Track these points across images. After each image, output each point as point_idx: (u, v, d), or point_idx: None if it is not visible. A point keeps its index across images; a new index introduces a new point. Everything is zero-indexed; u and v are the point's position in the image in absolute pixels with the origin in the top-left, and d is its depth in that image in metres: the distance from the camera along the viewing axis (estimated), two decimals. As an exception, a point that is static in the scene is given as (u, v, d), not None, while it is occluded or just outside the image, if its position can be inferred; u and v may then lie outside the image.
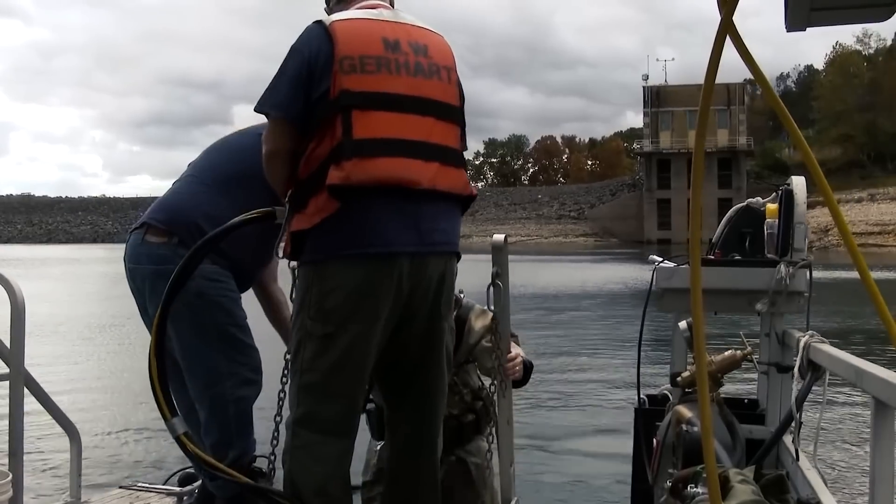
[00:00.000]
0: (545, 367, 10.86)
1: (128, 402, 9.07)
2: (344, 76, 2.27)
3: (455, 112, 2.46)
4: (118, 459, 6.83)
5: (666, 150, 78.55)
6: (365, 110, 2.27)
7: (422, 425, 2.52)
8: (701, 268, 1.17)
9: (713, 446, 1.18)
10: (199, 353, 2.94)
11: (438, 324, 2.45)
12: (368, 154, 2.26)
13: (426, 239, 2.34)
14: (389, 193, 2.28)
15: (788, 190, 3.45)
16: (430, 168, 2.33)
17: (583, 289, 25.30)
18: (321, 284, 2.32)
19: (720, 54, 1.08)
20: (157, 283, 2.86)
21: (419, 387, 2.50)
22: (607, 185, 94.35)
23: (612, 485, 5.91)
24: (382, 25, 2.38)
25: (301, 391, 2.40)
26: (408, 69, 2.35)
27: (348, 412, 2.40)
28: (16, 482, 2.83)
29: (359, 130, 2.26)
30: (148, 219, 3.04)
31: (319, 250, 2.31)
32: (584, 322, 17.06)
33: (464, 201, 2.50)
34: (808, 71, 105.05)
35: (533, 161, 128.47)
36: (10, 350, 2.93)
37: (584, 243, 76.22)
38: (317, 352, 2.35)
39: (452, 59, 2.51)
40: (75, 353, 12.80)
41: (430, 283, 2.37)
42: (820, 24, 1.08)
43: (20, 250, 63.48)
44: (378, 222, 2.28)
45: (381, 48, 2.33)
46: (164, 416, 2.63)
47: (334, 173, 2.23)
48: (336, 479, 2.40)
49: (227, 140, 3.17)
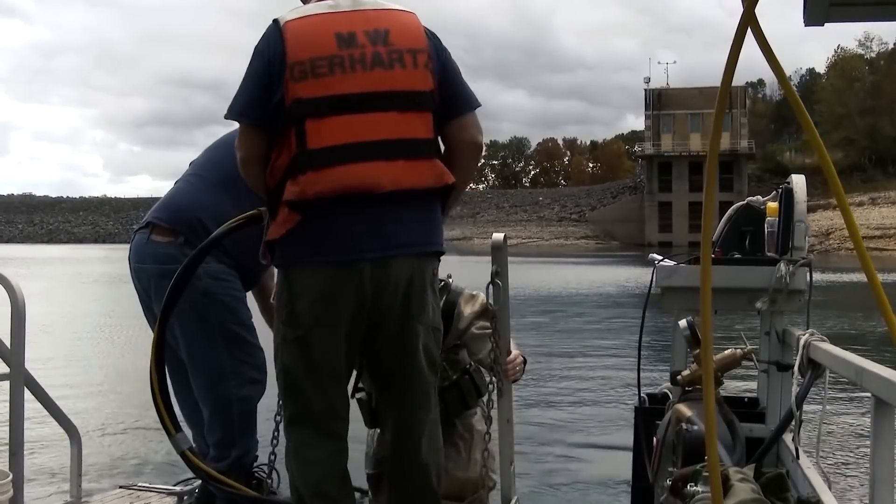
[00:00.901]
0: (545, 367, 10.87)
1: (128, 402, 9.06)
2: (295, 84, 2.24)
3: (423, 98, 2.33)
4: (118, 459, 6.83)
5: (667, 152, 78.25)
6: (319, 118, 2.24)
7: (406, 424, 2.51)
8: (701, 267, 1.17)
9: (717, 445, 1.17)
10: (204, 351, 2.94)
11: (411, 326, 2.41)
12: (323, 164, 2.24)
13: (390, 242, 2.31)
14: (350, 200, 2.26)
15: (788, 188, 3.45)
16: (395, 167, 2.28)
17: (582, 290, 25.31)
18: (290, 289, 2.35)
19: (740, 49, 1.06)
20: (161, 283, 2.88)
21: (399, 389, 2.49)
22: (608, 188, 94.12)
23: (613, 483, 5.91)
24: (338, 18, 2.31)
25: (284, 393, 2.45)
26: (364, 64, 2.27)
27: (330, 413, 2.41)
28: (16, 482, 2.83)
29: (313, 140, 2.24)
30: (152, 218, 3.04)
31: (286, 257, 2.35)
32: (583, 322, 17.06)
33: (442, 193, 2.41)
34: (810, 74, 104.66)
35: (534, 163, 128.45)
36: (11, 350, 2.93)
37: (585, 246, 76.12)
38: (292, 354, 2.38)
39: (422, 39, 2.36)
40: (75, 352, 12.79)
41: (396, 287, 2.34)
42: (838, 21, 1.07)
43: (22, 250, 63.48)
44: (339, 230, 2.28)
45: (335, 46, 2.27)
46: (167, 431, 2.64)
47: (290, 188, 2.25)
48: (331, 479, 2.41)
49: (228, 138, 3.16)
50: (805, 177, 3.54)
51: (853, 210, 9.32)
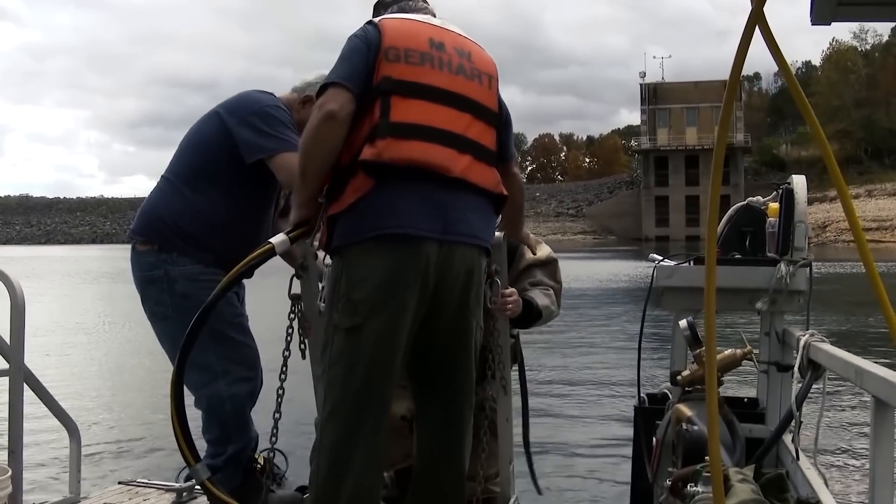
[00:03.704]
0: (545, 366, 10.87)
1: (127, 398, 9.07)
2: (388, 64, 2.33)
3: (493, 115, 2.49)
4: (117, 455, 6.82)
5: (663, 147, 78.44)
6: (404, 97, 2.32)
7: (449, 425, 2.49)
8: (703, 267, 1.16)
9: (718, 445, 1.17)
10: (192, 354, 2.94)
11: (467, 319, 2.42)
12: (403, 136, 2.29)
13: (452, 228, 2.33)
14: (419, 178, 2.29)
15: (789, 189, 3.44)
16: (463, 159, 2.35)
17: (580, 285, 25.28)
18: (349, 275, 2.31)
19: (747, 47, 1.05)
20: (146, 289, 3.05)
21: (446, 385, 2.47)
22: (605, 183, 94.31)
23: (612, 483, 5.91)
24: (430, 28, 2.46)
25: (329, 387, 2.36)
26: (450, 67, 2.41)
27: (377, 408, 2.34)
28: (15, 478, 2.83)
29: (396, 114, 2.30)
30: (130, 230, 3.14)
31: (346, 235, 2.31)
32: (583, 319, 17.05)
33: (496, 201, 2.50)
34: (807, 67, 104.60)
35: (531, 159, 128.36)
36: (11, 346, 2.93)
37: (583, 241, 76.14)
38: (344, 345, 2.32)
39: (495, 71, 2.56)
40: (75, 350, 12.79)
41: (457, 276, 2.36)
42: (845, 20, 1.07)
43: (20, 251, 63.37)
44: (404, 207, 2.29)
45: (427, 45, 2.40)
46: (187, 462, 2.62)
47: (368, 150, 2.27)
48: (370, 476, 2.35)
49: (188, 133, 3.17)
50: (804, 176, 3.54)
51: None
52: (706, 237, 1.16)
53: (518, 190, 2.73)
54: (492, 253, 2.66)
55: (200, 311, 2.54)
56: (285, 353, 2.58)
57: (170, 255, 2.98)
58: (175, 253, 2.98)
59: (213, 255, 2.97)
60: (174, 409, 2.54)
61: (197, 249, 2.98)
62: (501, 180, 2.53)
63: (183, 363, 2.55)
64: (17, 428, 2.94)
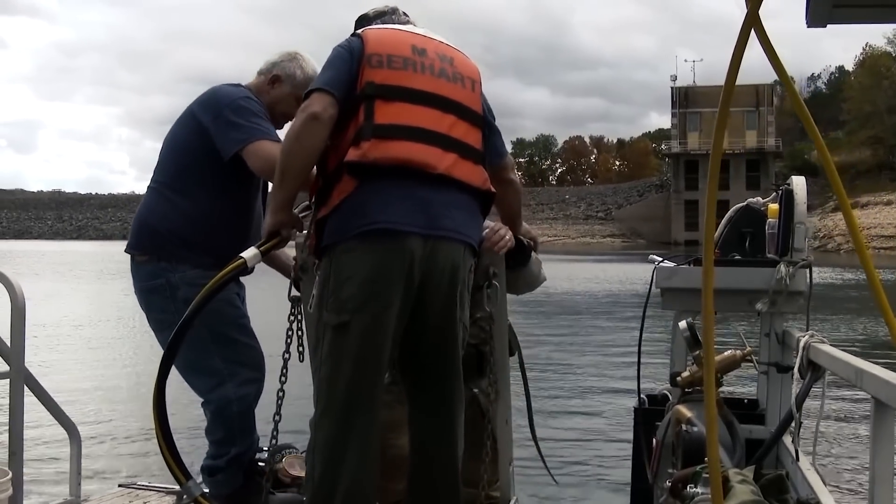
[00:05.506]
0: (544, 366, 10.87)
1: (128, 401, 9.06)
2: (371, 70, 2.39)
3: (477, 117, 2.53)
4: (118, 458, 6.83)
5: (694, 151, 77.39)
6: (388, 101, 2.37)
7: (439, 420, 2.50)
8: (702, 268, 1.16)
9: (718, 446, 1.17)
10: (196, 359, 2.95)
11: (453, 316, 2.44)
12: (387, 136, 2.33)
13: (435, 223, 2.35)
14: (403, 176, 2.32)
15: (788, 190, 3.44)
16: (448, 157, 2.39)
17: (585, 289, 25.26)
18: (337, 274, 2.35)
19: (743, 51, 1.04)
20: (149, 298, 3.05)
21: (435, 382, 2.49)
22: (635, 186, 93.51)
23: (612, 484, 5.91)
24: (412, 36, 2.53)
25: (320, 385, 2.41)
26: (433, 71, 2.46)
27: (367, 406, 2.37)
28: (15, 480, 2.83)
29: (380, 117, 2.35)
30: (128, 247, 3.14)
31: (332, 234, 2.36)
32: (583, 320, 17.04)
33: (482, 199, 2.51)
34: (839, 72, 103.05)
35: (561, 161, 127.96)
36: (11, 348, 2.93)
37: (612, 244, 75.75)
38: (333, 343, 2.35)
39: (478, 75, 2.60)
40: (76, 351, 12.78)
41: (443, 272, 2.37)
42: (841, 22, 1.06)
43: (51, 246, 63.22)
44: (386, 203, 2.32)
45: (409, 51, 2.45)
46: (178, 480, 2.63)
47: (353, 152, 2.31)
48: (363, 474, 2.36)
49: (166, 138, 3.17)
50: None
51: (881, 209, 9.29)
52: (703, 239, 1.16)
53: (515, 198, 2.79)
54: (491, 256, 2.66)
55: (177, 329, 2.57)
56: (285, 356, 2.59)
57: (169, 263, 2.99)
58: (173, 260, 2.99)
59: (211, 257, 2.96)
60: (159, 428, 2.55)
61: (194, 253, 2.98)
62: (497, 188, 2.56)
63: (163, 382, 2.57)
64: (17, 430, 2.94)
